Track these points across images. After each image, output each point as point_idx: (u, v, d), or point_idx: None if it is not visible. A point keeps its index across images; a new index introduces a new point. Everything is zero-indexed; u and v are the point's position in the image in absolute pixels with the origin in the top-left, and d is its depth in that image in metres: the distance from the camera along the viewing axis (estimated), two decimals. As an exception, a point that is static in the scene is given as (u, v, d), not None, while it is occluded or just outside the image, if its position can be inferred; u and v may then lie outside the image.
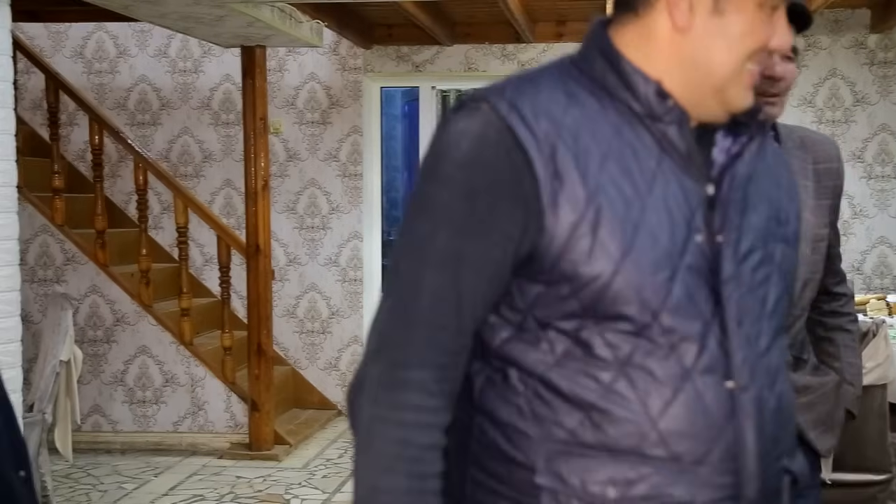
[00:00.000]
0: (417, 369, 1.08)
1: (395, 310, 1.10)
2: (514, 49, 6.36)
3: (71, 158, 6.71)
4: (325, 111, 6.55)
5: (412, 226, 1.11)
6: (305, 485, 5.03)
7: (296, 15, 5.17)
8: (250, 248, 5.57)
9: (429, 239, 1.08)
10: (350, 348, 6.55)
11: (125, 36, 6.73)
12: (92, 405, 5.90)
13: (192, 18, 4.78)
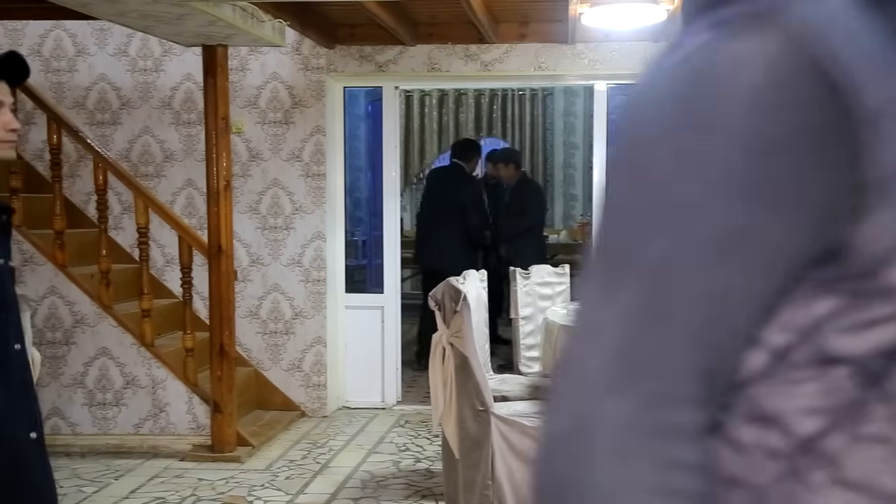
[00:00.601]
0: (691, 408, 0.68)
1: (646, 316, 0.69)
2: (477, 49, 6.37)
3: (28, 158, 6.61)
4: (287, 111, 6.51)
5: (662, 191, 0.69)
6: (268, 486, 5.00)
7: (257, 14, 5.13)
8: (212, 248, 5.53)
9: (700, 211, 0.68)
10: (313, 349, 6.52)
11: (84, 34, 6.65)
12: (51, 408, 5.82)
13: (151, 17, 4.74)
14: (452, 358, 4.00)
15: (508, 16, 6.11)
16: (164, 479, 5.13)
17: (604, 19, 5.14)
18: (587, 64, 6.33)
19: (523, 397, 4.68)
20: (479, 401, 3.93)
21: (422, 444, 5.80)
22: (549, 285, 5.54)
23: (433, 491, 4.86)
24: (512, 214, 7.69)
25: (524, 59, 6.36)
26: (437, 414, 4.12)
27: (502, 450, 3.90)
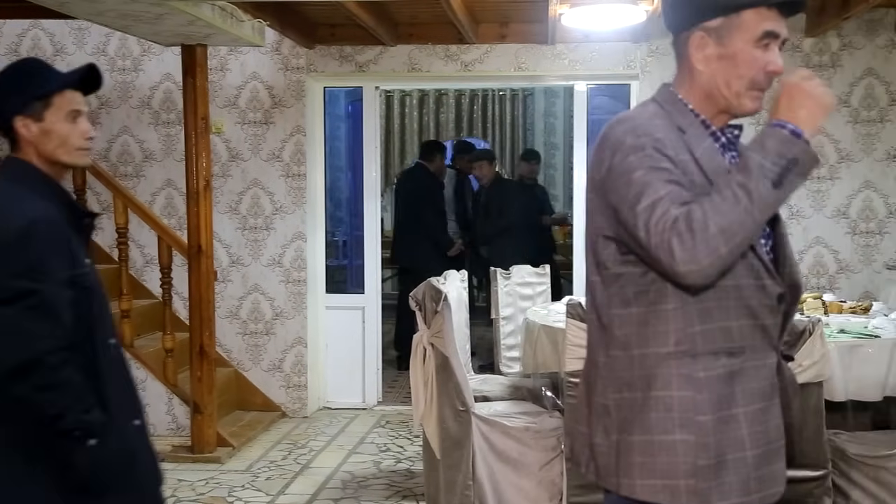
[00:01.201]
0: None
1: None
2: (457, 50, 6.38)
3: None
4: (267, 111, 6.50)
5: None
6: (249, 487, 4.99)
7: (237, 14, 5.12)
8: (192, 248, 5.51)
9: None
10: (294, 349, 6.51)
11: (62, 34, 6.61)
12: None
13: (130, 16, 4.71)
14: (433, 358, 4.00)
15: (488, 16, 6.12)
16: (143, 480, 5.10)
17: (583, 20, 5.16)
18: (567, 64, 6.35)
19: (504, 397, 4.69)
20: (460, 401, 3.93)
21: (403, 444, 5.79)
22: (529, 285, 5.55)
23: (414, 491, 4.86)
24: (489, 215, 7.60)
25: (504, 59, 6.37)
26: (417, 414, 4.12)
27: (483, 450, 3.90)
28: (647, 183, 1.77)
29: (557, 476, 3.91)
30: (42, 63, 2.50)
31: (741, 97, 1.88)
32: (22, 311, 2.17)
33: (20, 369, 2.14)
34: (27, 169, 2.36)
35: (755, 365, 1.86)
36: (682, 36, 1.92)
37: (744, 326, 1.85)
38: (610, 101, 9.13)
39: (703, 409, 1.81)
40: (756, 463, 1.84)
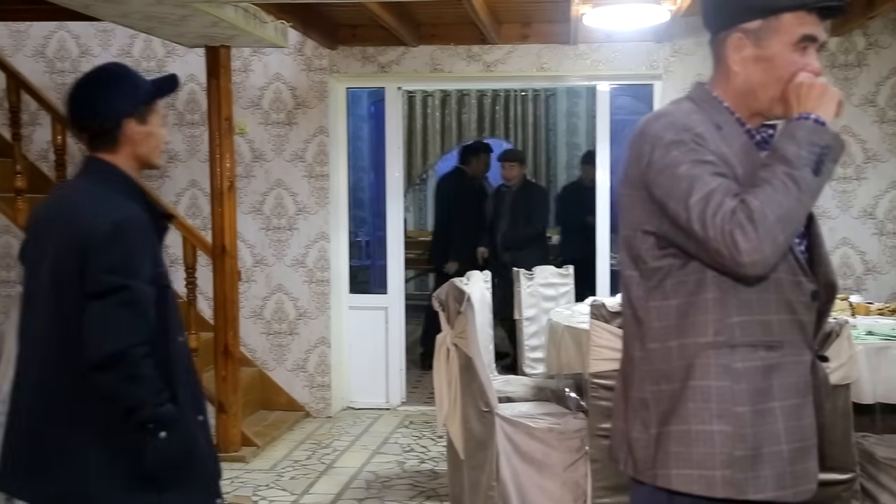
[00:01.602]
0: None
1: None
2: (479, 50, 6.38)
3: (33, 158, 6.63)
4: (290, 112, 6.52)
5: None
6: (273, 486, 5.01)
7: (260, 15, 5.14)
8: (216, 248, 5.54)
9: None
10: (317, 349, 6.53)
11: (87, 35, 6.66)
12: (55, 409, 5.82)
13: (155, 18, 4.74)
14: (457, 359, 4.00)
15: (511, 17, 6.11)
16: (168, 479, 5.13)
17: (606, 20, 5.14)
18: (590, 64, 6.33)
19: (527, 398, 4.68)
20: (484, 402, 3.93)
21: (426, 444, 5.80)
22: (552, 286, 5.54)
23: (437, 492, 4.87)
24: (517, 221, 7.44)
25: (527, 59, 6.36)
26: (441, 414, 4.12)
27: (507, 451, 3.90)
28: (696, 176, 1.77)
29: (582, 477, 3.89)
30: (133, 70, 2.62)
31: (776, 101, 1.88)
32: (112, 305, 2.29)
33: (109, 360, 2.26)
34: (112, 170, 2.47)
35: (793, 360, 1.86)
36: (720, 36, 1.93)
37: (783, 321, 1.85)
38: (633, 102, 9.09)
39: (741, 400, 1.81)
40: (791, 458, 1.84)
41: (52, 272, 2.37)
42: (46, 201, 2.56)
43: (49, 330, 2.38)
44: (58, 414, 2.37)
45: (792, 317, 1.86)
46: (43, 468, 2.37)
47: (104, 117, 2.45)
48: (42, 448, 2.38)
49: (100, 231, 2.31)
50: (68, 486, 2.35)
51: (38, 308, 2.43)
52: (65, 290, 2.34)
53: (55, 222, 2.42)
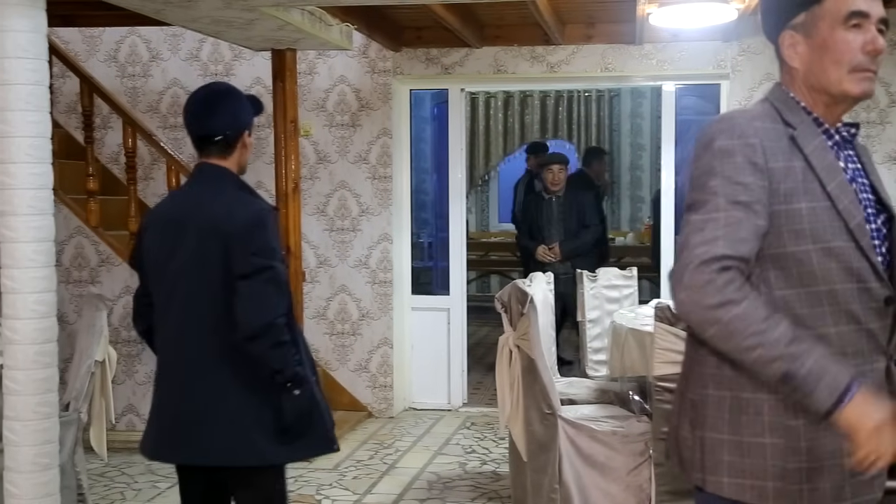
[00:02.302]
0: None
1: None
2: (543, 51, 6.36)
3: (105, 161, 6.78)
4: (354, 114, 6.57)
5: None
6: (336, 486, 5.05)
7: (325, 18, 5.19)
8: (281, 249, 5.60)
9: None
10: (380, 350, 6.57)
11: (158, 40, 6.79)
12: (126, 405, 5.96)
13: (223, 22, 4.82)
14: (519, 360, 3.99)
15: (575, 17, 6.08)
16: (234, 476, 5.21)
17: (672, 19, 5.08)
18: (655, 64, 6.27)
19: (590, 401, 4.66)
20: (546, 404, 3.91)
21: (488, 446, 5.80)
22: (616, 288, 5.50)
23: (499, 493, 4.86)
24: (569, 229, 6.87)
25: (591, 60, 6.33)
26: (503, 416, 4.12)
27: (569, 453, 3.88)
28: (715, 205, 1.75)
29: (645, 481, 3.86)
30: None
31: (842, 82, 1.84)
32: (260, 283, 2.72)
33: (260, 330, 2.69)
34: (230, 173, 2.93)
35: (860, 371, 1.80)
36: (777, 41, 1.93)
37: (843, 332, 1.80)
38: (699, 102, 8.97)
39: (794, 414, 1.78)
40: (853, 470, 1.80)
41: (196, 261, 2.77)
42: (172, 204, 2.97)
43: (200, 309, 2.78)
44: (218, 382, 2.78)
45: (857, 326, 1.81)
46: (212, 432, 2.77)
47: (233, 128, 2.89)
48: (210, 414, 2.77)
49: (245, 221, 2.76)
50: (236, 442, 2.76)
51: (177, 294, 2.81)
52: (212, 274, 2.75)
53: (193, 220, 2.80)
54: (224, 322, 2.73)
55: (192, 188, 2.99)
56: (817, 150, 1.83)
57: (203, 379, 2.79)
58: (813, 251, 1.77)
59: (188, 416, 2.82)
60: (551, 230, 6.90)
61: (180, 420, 2.84)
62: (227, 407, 2.77)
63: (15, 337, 3.38)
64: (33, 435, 3.38)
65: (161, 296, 2.87)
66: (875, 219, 1.86)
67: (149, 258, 2.89)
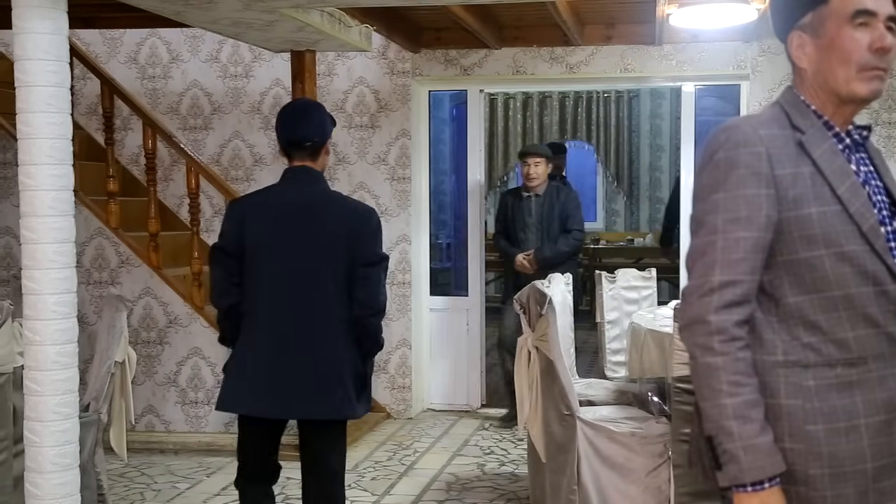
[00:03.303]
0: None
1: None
2: (562, 52, 6.34)
3: (125, 162, 6.82)
4: (373, 115, 6.58)
5: None
6: (355, 486, 5.05)
7: (345, 19, 5.20)
8: (300, 251, 5.61)
9: None
10: (399, 351, 6.57)
11: (178, 42, 6.83)
12: (146, 405, 5.99)
13: (242, 24, 4.84)
14: (538, 361, 3.98)
15: (594, 18, 6.07)
16: (253, 477, 5.22)
17: (692, 20, 5.06)
18: (675, 65, 6.25)
19: (609, 402, 4.64)
20: (565, 405, 3.90)
21: (506, 447, 5.79)
22: (635, 289, 5.48)
23: (518, 494, 4.85)
24: (548, 233, 6.09)
25: (610, 60, 6.31)
26: (522, 417, 4.11)
27: (588, 455, 3.87)
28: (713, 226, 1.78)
29: (665, 483, 3.84)
30: None
31: (850, 82, 1.82)
32: (381, 271, 3.35)
33: (382, 308, 3.36)
34: (321, 175, 3.46)
35: (881, 375, 1.78)
36: (786, 42, 1.92)
37: (863, 336, 1.77)
38: (718, 103, 8.93)
39: (813, 419, 1.76)
40: (876, 475, 1.78)
41: (326, 245, 3.27)
42: (279, 195, 3.39)
43: (327, 285, 3.26)
44: (335, 348, 3.27)
45: (875, 330, 1.78)
46: (327, 389, 3.26)
47: (324, 137, 3.40)
48: (328, 375, 3.26)
49: (373, 219, 3.37)
50: (342, 398, 3.27)
51: (302, 271, 3.27)
52: (339, 258, 3.26)
53: (324, 210, 3.34)
54: (343, 298, 3.28)
55: (294, 184, 3.40)
56: (826, 154, 1.81)
57: (324, 345, 3.26)
58: (825, 256, 1.75)
59: (306, 376, 3.26)
60: (527, 233, 6.13)
61: (298, 379, 3.26)
62: (340, 369, 3.27)
63: (35, 338, 3.40)
64: (54, 435, 3.40)
65: (277, 275, 3.28)
66: (891, 221, 1.84)
67: (259, 240, 3.29)
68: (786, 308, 1.79)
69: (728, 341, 1.74)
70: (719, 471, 1.74)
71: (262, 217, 3.33)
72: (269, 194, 3.46)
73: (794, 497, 1.78)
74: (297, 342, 3.27)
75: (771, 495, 1.73)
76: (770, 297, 1.80)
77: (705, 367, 1.75)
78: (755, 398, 1.74)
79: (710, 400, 1.75)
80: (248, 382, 3.31)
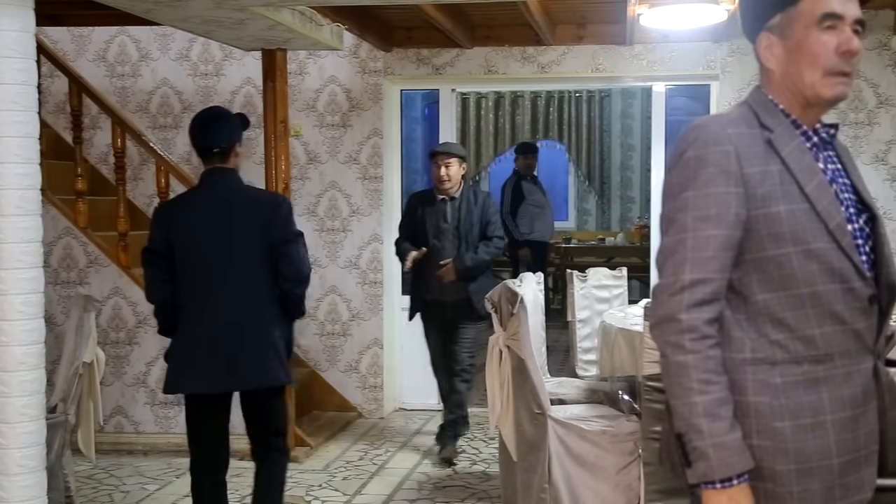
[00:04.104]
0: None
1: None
2: (534, 52, 6.36)
3: (94, 161, 6.76)
4: (345, 114, 6.56)
5: None
6: (326, 486, 5.04)
7: (316, 18, 5.18)
8: (271, 250, 5.59)
9: None
10: (370, 350, 6.56)
11: (147, 40, 6.77)
12: (114, 406, 5.94)
13: (213, 22, 4.81)
14: (509, 360, 3.99)
15: (566, 17, 6.09)
16: (223, 477, 5.19)
17: (663, 20, 5.09)
18: (645, 65, 6.28)
19: (580, 401, 4.65)
20: (536, 403, 3.91)
21: (478, 446, 5.79)
22: (606, 288, 5.50)
23: (489, 493, 4.86)
24: (469, 240, 5.43)
25: (582, 60, 6.33)
26: (493, 416, 4.12)
27: (559, 453, 3.88)
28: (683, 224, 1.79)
29: (635, 480, 3.86)
30: None
31: (815, 85, 1.84)
32: (299, 245, 3.72)
33: (305, 279, 3.75)
34: (233, 172, 3.78)
35: (846, 371, 1.81)
36: (755, 42, 1.94)
37: (829, 333, 1.79)
38: (689, 102, 9.00)
39: (781, 416, 1.78)
40: (842, 470, 1.80)
41: (245, 233, 3.64)
42: (198, 196, 3.79)
43: (254, 267, 3.64)
44: (266, 320, 3.65)
45: (842, 327, 1.80)
46: (265, 359, 3.64)
47: (230, 142, 3.75)
48: (264, 346, 3.64)
49: (282, 203, 3.84)
50: (278, 366, 3.68)
51: (231, 261, 3.63)
52: (259, 242, 3.63)
53: (237, 204, 3.71)
54: (266, 277, 3.66)
55: (209, 185, 3.76)
56: (794, 153, 1.83)
57: (254, 321, 3.63)
58: (793, 254, 1.77)
59: (241, 350, 3.60)
60: (443, 240, 5.46)
61: (234, 354, 3.60)
62: (272, 341, 3.66)
63: (2, 338, 3.36)
64: (20, 437, 3.36)
65: (206, 266, 3.64)
66: (857, 218, 1.86)
67: (185, 238, 3.64)
68: (754, 306, 1.80)
69: (699, 339, 1.75)
70: (689, 468, 1.75)
71: (186, 217, 3.71)
72: (190, 197, 3.92)
73: (761, 493, 1.79)
74: (230, 322, 3.62)
75: (739, 492, 1.74)
76: (738, 294, 1.81)
77: (676, 366, 1.76)
78: (725, 396, 1.76)
79: (680, 398, 1.75)
80: (188, 364, 3.64)
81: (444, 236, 5.48)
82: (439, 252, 5.45)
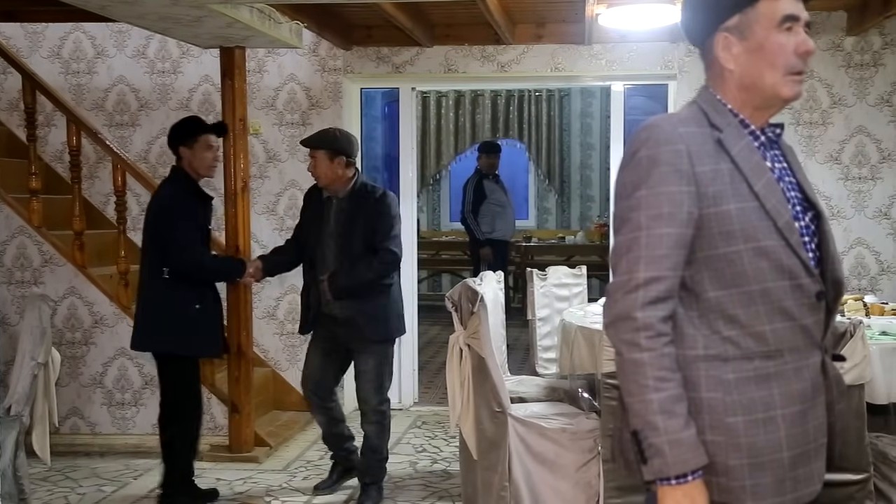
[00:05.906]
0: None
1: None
2: (493, 51, 6.37)
3: (48, 159, 6.66)
4: (304, 112, 6.53)
5: None
6: (286, 487, 5.01)
7: (275, 16, 5.15)
8: (230, 249, 5.55)
9: None
10: (330, 350, 6.53)
11: (103, 36, 6.69)
12: (70, 407, 5.86)
13: (170, 19, 4.76)
14: (469, 359, 3.99)
15: (525, 17, 6.11)
16: (182, 479, 5.14)
17: (621, 20, 5.13)
18: (604, 65, 6.32)
19: (540, 399, 4.68)
20: (497, 402, 3.92)
21: (439, 445, 5.80)
22: (566, 286, 5.53)
23: (450, 492, 4.86)
24: (351, 253, 4.53)
25: (541, 59, 6.36)
26: (454, 415, 4.12)
27: (519, 451, 3.89)
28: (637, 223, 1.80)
29: (594, 478, 3.89)
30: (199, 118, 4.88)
31: (776, 85, 1.87)
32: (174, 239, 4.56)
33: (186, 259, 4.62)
34: (184, 176, 4.71)
35: (796, 367, 1.84)
36: (706, 43, 1.95)
37: (779, 329, 1.82)
38: (647, 102, 9.08)
39: (733, 411, 1.80)
40: (792, 464, 1.83)
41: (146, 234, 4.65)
42: None
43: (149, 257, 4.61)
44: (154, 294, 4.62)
45: (791, 323, 1.83)
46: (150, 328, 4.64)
47: (171, 145, 4.77)
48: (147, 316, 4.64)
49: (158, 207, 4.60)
50: None
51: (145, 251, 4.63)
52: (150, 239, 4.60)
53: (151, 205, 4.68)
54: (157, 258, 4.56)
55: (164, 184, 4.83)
56: (744, 151, 1.85)
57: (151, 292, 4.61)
58: (744, 251, 1.80)
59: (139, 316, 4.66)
60: (323, 249, 4.62)
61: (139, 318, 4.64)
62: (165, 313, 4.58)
63: (-46, 339, 3.31)
64: (-27, 439, 3.31)
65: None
66: (803, 216, 1.90)
67: None
68: (706, 303, 1.82)
69: (654, 337, 1.76)
70: (644, 465, 1.76)
71: None
72: None
73: (714, 488, 1.81)
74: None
75: (694, 488, 1.76)
76: (690, 292, 1.83)
77: (631, 364, 1.77)
78: (679, 393, 1.77)
79: (636, 395, 1.77)
80: None
81: (326, 244, 4.60)
82: (321, 265, 4.62)
